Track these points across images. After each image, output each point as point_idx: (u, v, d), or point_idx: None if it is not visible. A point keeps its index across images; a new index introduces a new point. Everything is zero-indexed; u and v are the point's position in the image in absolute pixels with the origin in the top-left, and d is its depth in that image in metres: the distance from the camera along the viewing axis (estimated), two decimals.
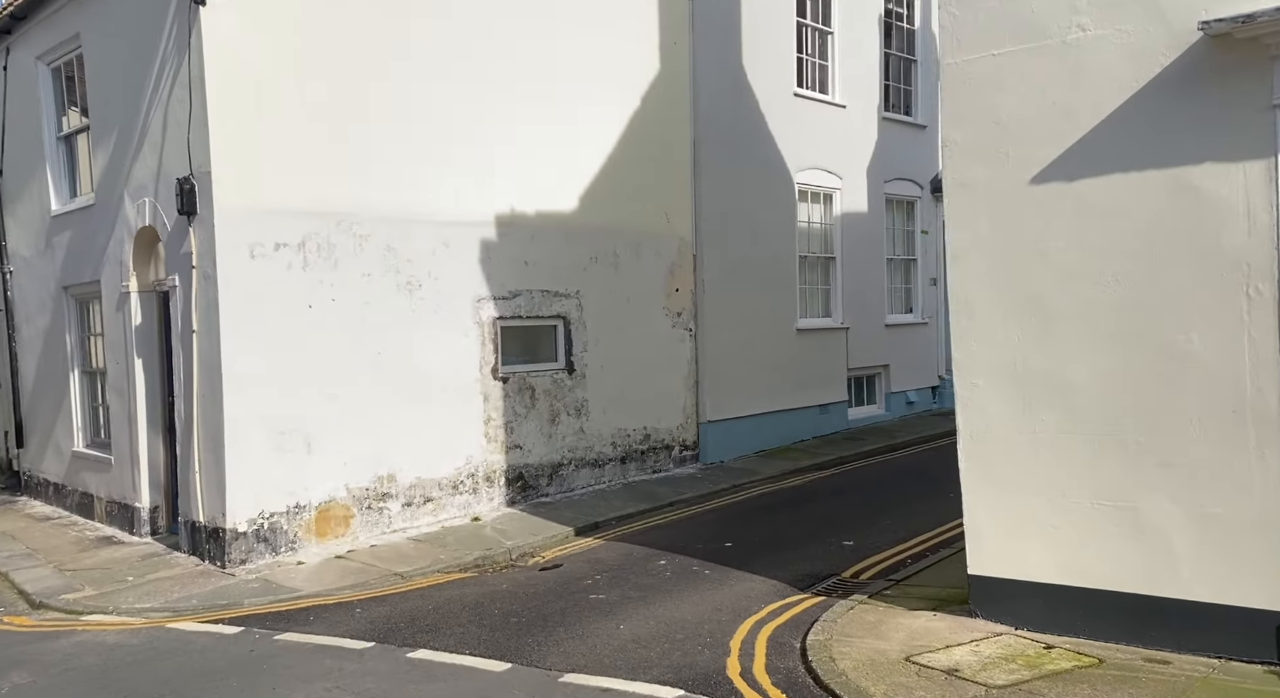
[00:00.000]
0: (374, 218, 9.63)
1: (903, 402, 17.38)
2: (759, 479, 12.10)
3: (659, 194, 12.68)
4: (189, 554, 9.07)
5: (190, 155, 8.58)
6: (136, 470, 10.14)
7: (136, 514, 10.16)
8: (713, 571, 7.87)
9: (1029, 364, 5.65)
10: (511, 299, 10.96)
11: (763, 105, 14.08)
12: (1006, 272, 5.70)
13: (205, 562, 8.78)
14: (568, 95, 11.41)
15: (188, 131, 8.57)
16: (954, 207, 5.90)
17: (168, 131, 9.00)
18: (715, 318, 13.34)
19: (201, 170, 8.54)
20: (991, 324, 5.78)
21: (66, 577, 8.70)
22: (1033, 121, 5.53)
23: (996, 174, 5.69)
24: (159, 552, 9.39)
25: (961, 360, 5.94)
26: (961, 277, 5.90)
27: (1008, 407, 5.74)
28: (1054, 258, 5.51)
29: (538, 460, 11.22)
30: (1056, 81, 5.43)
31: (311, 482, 9.14)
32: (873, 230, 16.49)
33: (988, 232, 5.76)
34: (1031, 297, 5.62)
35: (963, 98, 5.80)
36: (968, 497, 5.97)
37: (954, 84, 5.83)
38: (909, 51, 17.41)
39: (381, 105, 9.65)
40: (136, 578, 8.47)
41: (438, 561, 8.75)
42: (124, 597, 7.92)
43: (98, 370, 11.36)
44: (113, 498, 10.71)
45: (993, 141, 5.69)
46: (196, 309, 8.75)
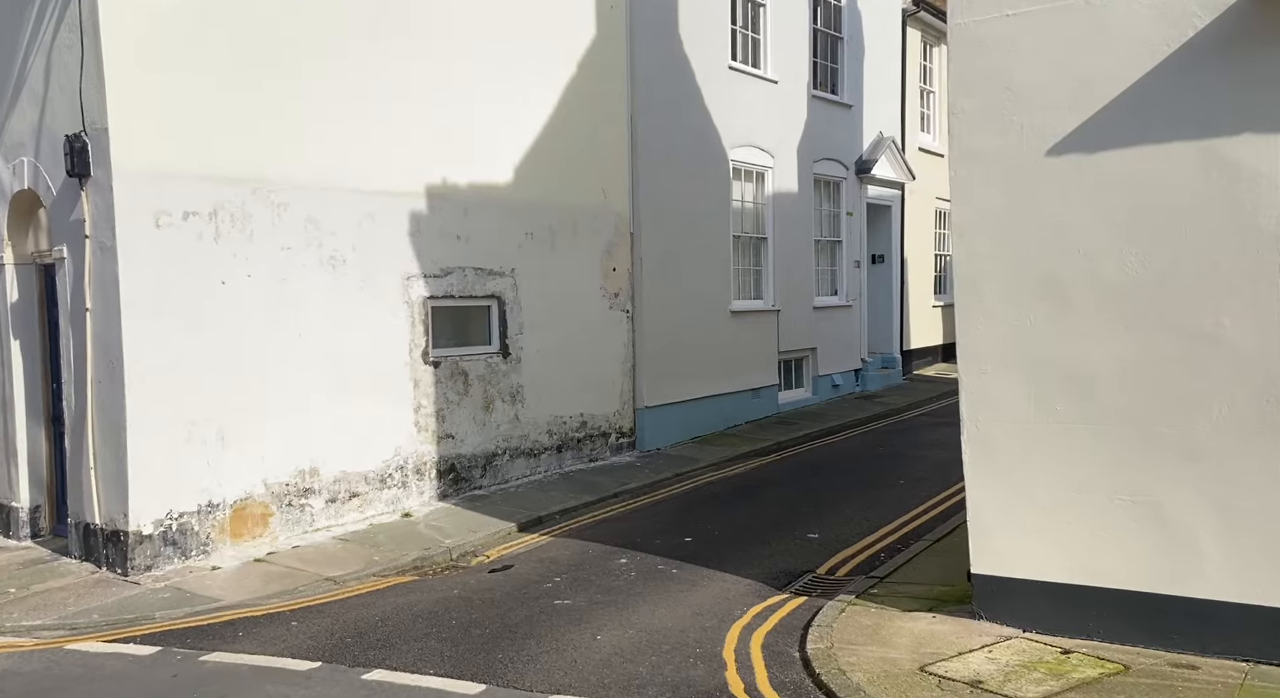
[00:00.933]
0: (294, 185, 8.70)
1: (829, 385, 17.23)
2: (701, 467, 11.65)
3: (596, 168, 12.02)
4: (81, 560, 8.03)
5: (83, 109, 7.50)
6: (13, 466, 8.97)
7: (13, 515, 8.99)
8: (680, 569, 7.36)
9: (1042, 349, 5.29)
10: (443, 277, 10.16)
11: (698, 78, 13.55)
12: (1019, 249, 5.32)
13: (103, 569, 7.77)
14: (503, 58, 10.63)
15: (79, 81, 7.48)
16: (961, 179, 5.49)
17: (51, 81, 7.86)
18: (652, 299, 12.79)
19: (96, 126, 7.47)
20: (1001, 306, 5.40)
21: None
22: (1050, 88, 5.15)
23: (1009, 145, 5.29)
24: (44, 558, 8.29)
25: (967, 345, 5.55)
26: (968, 254, 5.50)
27: (1018, 395, 5.38)
28: (1072, 235, 5.16)
29: (471, 451, 10.48)
30: (1077, 45, 5.05)
31: (226, 477, 8.21)
32: (802, 211, 16.21)
33: (998, 206, 5.36)
34: (1046, 276, 5.26)
35: (972, 62, 5.37)
36: (972, 491, 5.59)
37: (962, 46, 5.40)
38: (836, 28, 17.16)
39: (301, 61, 8.71)
40: (20, 589, 7.41)
41: (372, 562, 7.97)
42: (7, 613, 6.88)
43: None
44: None
45: (1005, 109, 5.29)
46: (91, 285, 7.69)
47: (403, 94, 9.57)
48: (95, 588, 7.34)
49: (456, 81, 10.10)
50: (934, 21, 20.62)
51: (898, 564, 7.03)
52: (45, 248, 8.74)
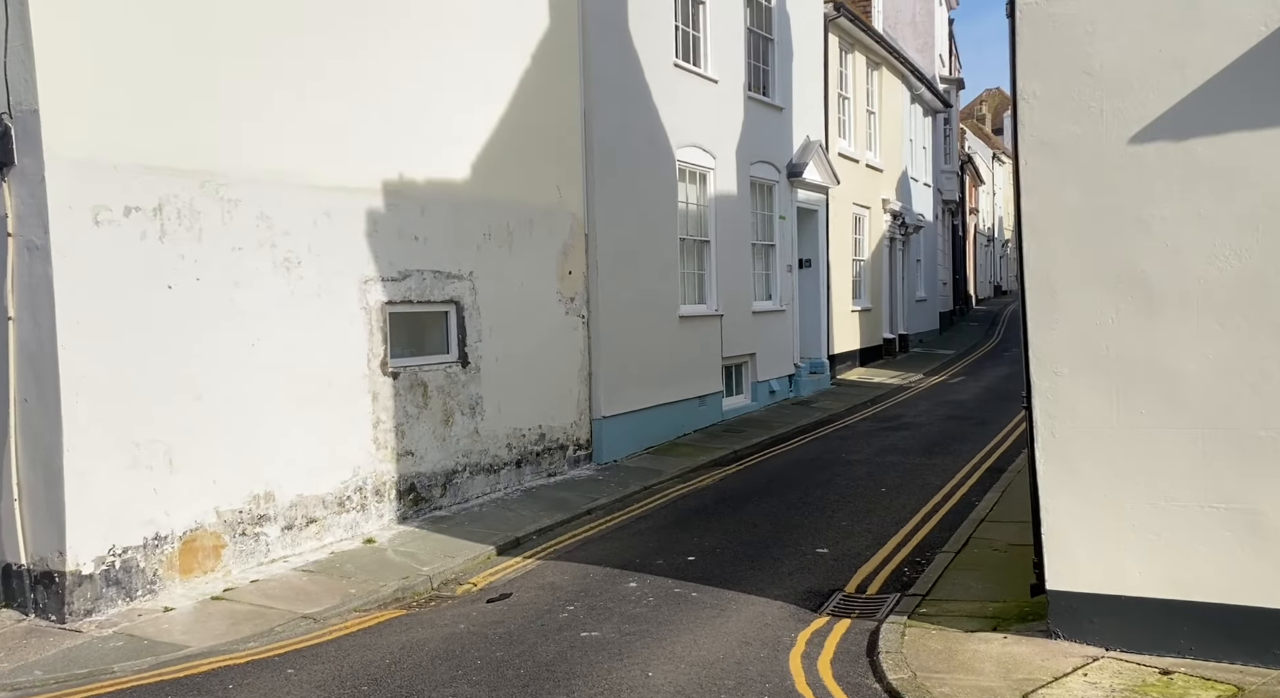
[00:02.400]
0: (245, 179, 7.80)
1: (766, 391, 17.05)
2: (666, 480, 11.16)
3: (551, 165, 11.40)
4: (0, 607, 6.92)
5: (9, 87, 6.44)
6: None
7: None
8: (699, 592, 6.83)
9: (1125, 350, 5.03)
10: (401, 281, 9.36)
11: (646, 74, 13.10)
12: (1098, 245, 5.05)
13: (31, 616, 6.69)
14: (458, 49, 9.92)
15: (3, 55, 6.43)
16: (1033, 169, 5.19)
17: None
18: (607, 304, 12.24)
19: (24, 108, 6.43)
20: (1078, 304, 5.12)
21: None
22: (1133, 72, 4.90)
23: (1087, 132, 5.02)
24: None
25: (1040, 346, 5.24)
26: (1040, 250, 5.20)
27: (1098, 399, 5.10)
28: (1158, 229, 4.92)
29: (430, 468, 9.70)
30: (1164, 25, 4.82)
31: (175, 506, 7.24)
32: (741, 214, 15.98)
33: (1076, 199, 5.08)
34: (1129, 273, 5.00)
35: (1044, 43, 5.08)
36: (1047, 500, 5.28)
37: (1034, 27, 5.10)
38: (767, 30, 17.04)
39: (252, 45, 7.82)
40: None
41: (349, 596, 7.16)
42: None
43: None
44: None
45: (1083, 95, 5.01)
46: (15, 289, 6.63)
47: (359, 84, 8.77)
48: (28, 639, 6.28)
49: (413, 71, 9.35)
50: (851, 28, 20.83)
51: (931, 580, 6.70)
52: None
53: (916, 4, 31.86)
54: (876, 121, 23.68)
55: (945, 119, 33.31)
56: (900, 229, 25.95)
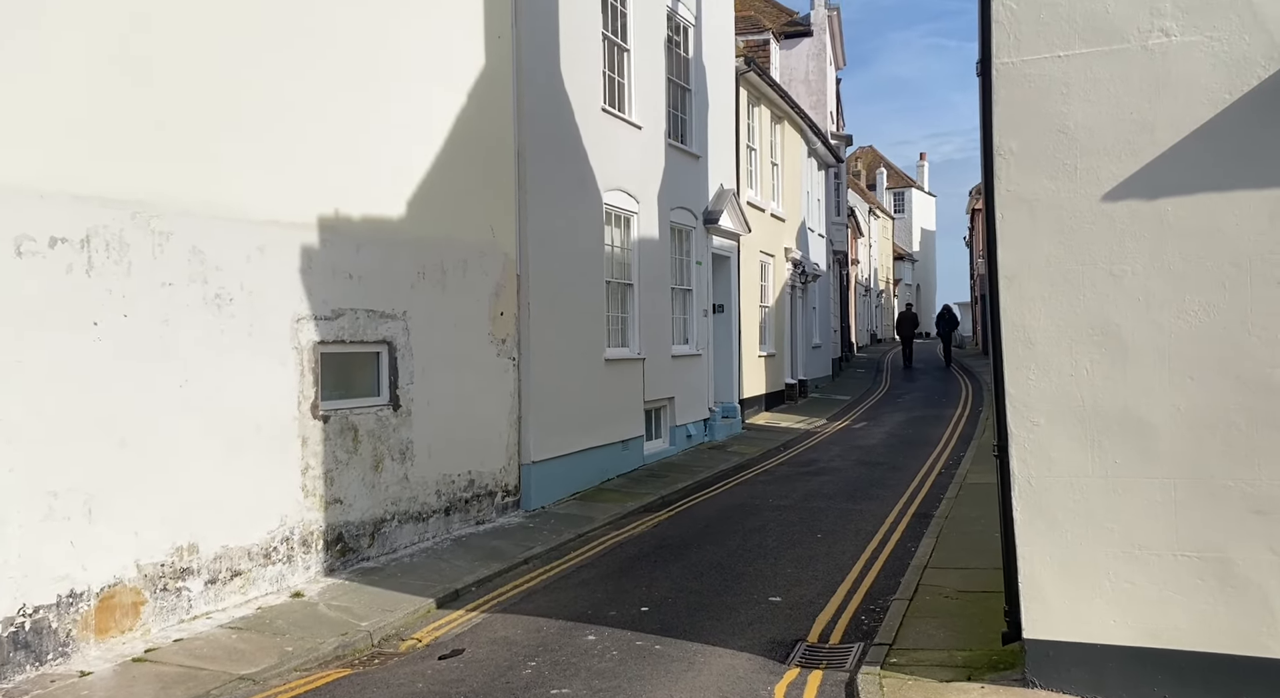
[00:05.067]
0: (176, 211, 7.35)
1: (684, 435, 17.10)
2: (599, 527, 10.96)
3: (484, 205, 11.22)
4: None
5: None
6: None
7: None
8: (662, 645, 6.65)
9: (1099, 400, 5.20)
10: (334, 320, 8.97)
11: (577, 117, 13.12)
12: (1072, 296, 5.23)
13: None
14: (395, 85, 9.70)
15: None
16: (1009, 223, 5.35)
17: None
18: (538, 346, 12.04)
19: None
20: (1055, 355, 5.28)
21: None
22: (1105, 132, 5.13)
23: (1061, 188, 5.22)
24: None
25: (1016, 395, 5.37)
26: (1017, 300, 5.35)
27: (1073, 448, 5.24)
28: (1129, 283, 5.13)
29: (359, 517, 9.24)
30: (1134, 90, 5.07)
31: (93, 560, 6.63)
32: (661, 258, 16.10)
33: (1049, 251, 5.26)
34: (1102, 325, 5.19)
35: (1020, 103, 5.28)
36: (1024, 549, 5.37)
37: (1010, 87, 5.30)
38: (685, 80, 17.38)
39: (188, 75, 7.44)
40: None
41: (286, 654, 6.67)
42: None
43: None
44: None
45: (1057, 152, 5.22)
46: None
47: (295, 115, 8.45)
48: None
49: (349, 104, 9.08)
50: (759, 82, 21.49)
51: (893, 629, 6.70)
52: None
53: (810, 63, 33.19)
54: (779, 173, 24.40)
55: (836, 173, 34.66)
56: (800, 277, 26.69)
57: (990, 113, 5.38)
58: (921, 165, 71.31)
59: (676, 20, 16.87)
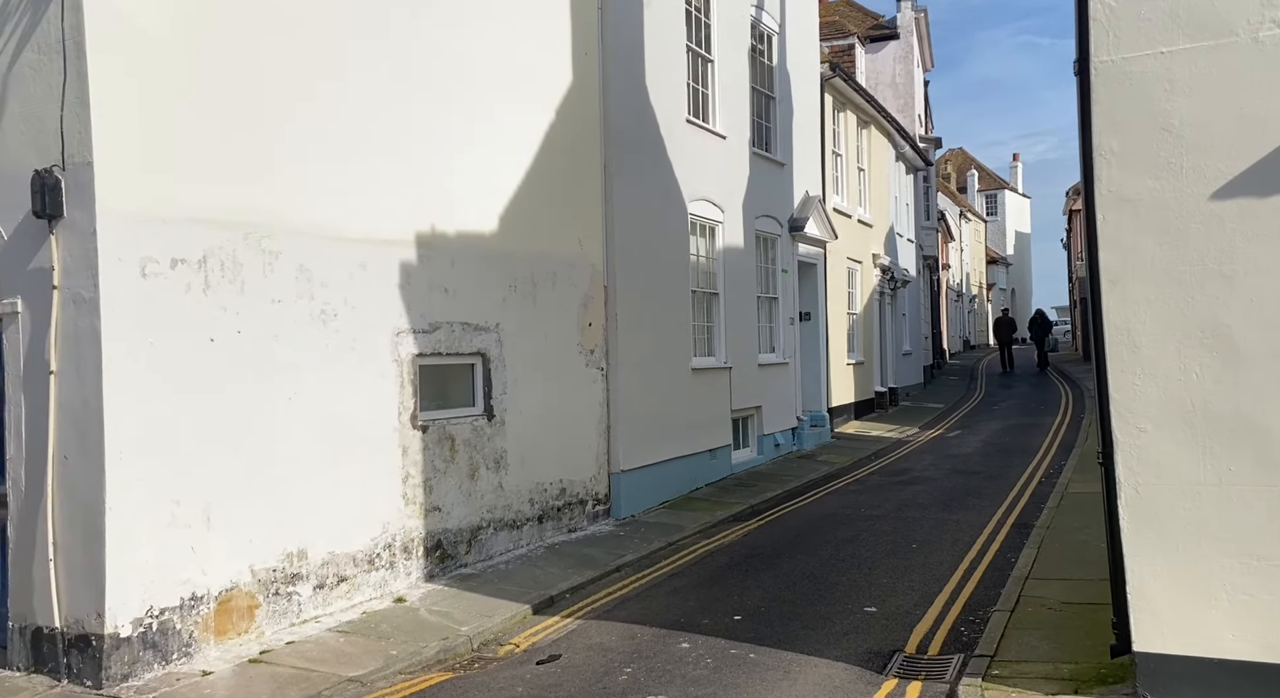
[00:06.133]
0: (285, 231, 7.70)
1: (771, 444, 16.99)
2: (689, 535, 11.00)
3: (572, 218, 11.43)
4: (29, 672, 6.58)
5: (64, 139, 6.31)
6: None
7: None
8: (756, 654, 6.66)
9: (1210, 405, 5.03)
10: (432, 333, 9.25)
11: (662, 129, 13.25)
12: (1179, 298, 5.07)
13: (64, 682, 6.38)
14: (487, 103, 9.96)
15: (61, 109, 6.32)
16: (1111, 224, 5.22)
17: (8, 109, 6.63)
18: (625, 356, 12.18)
19: (77, 160, 6.32)
20: (1161, 358, 5.12)
21: None
22: (1214, 129, 4.97)
23: (1166, 188, 5.07)
24: None
25: (1121, 400, 5.23)
26: (1121, 303, 5.21)
27: (1184, 455, 5.08)
28: (1242, 284, 4.95)
29: (457, 525, 9.48)
30: (1245, 84, 4.90)
31: (211, 565, 6.99)
32: (746, 267, 16.08)
33: (1154, 252, 5.12)
34: (1213, 327, 5.02)
35: (1121, 100, 5.16)
36: (1132, 561, 5.21)
37: (1109, 85, 5.18)
38: (769, 88, 17.34)
39: (290, 101, 7.78)
40: None
41: (391, 658, 6.90)
42: None
43: None
44: None
45: (1161, 151, 5.08)
46: (58, 343, 6.45)
47: (393, 138, 8.75)
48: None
49: (444, 125, 9.37)
50: (844, 87, 21.29)
51: (994, 640, 6.57)
52: None
53: (897, 66, 32.71)
54: (866, 178, 24.10)
55: (924, 176, 34.01)
56: (889, 284, 26.27)
57: (1089, 112, 5.26)
58: (1015, 166, 69.30)
59: (760, 29, 16.88)
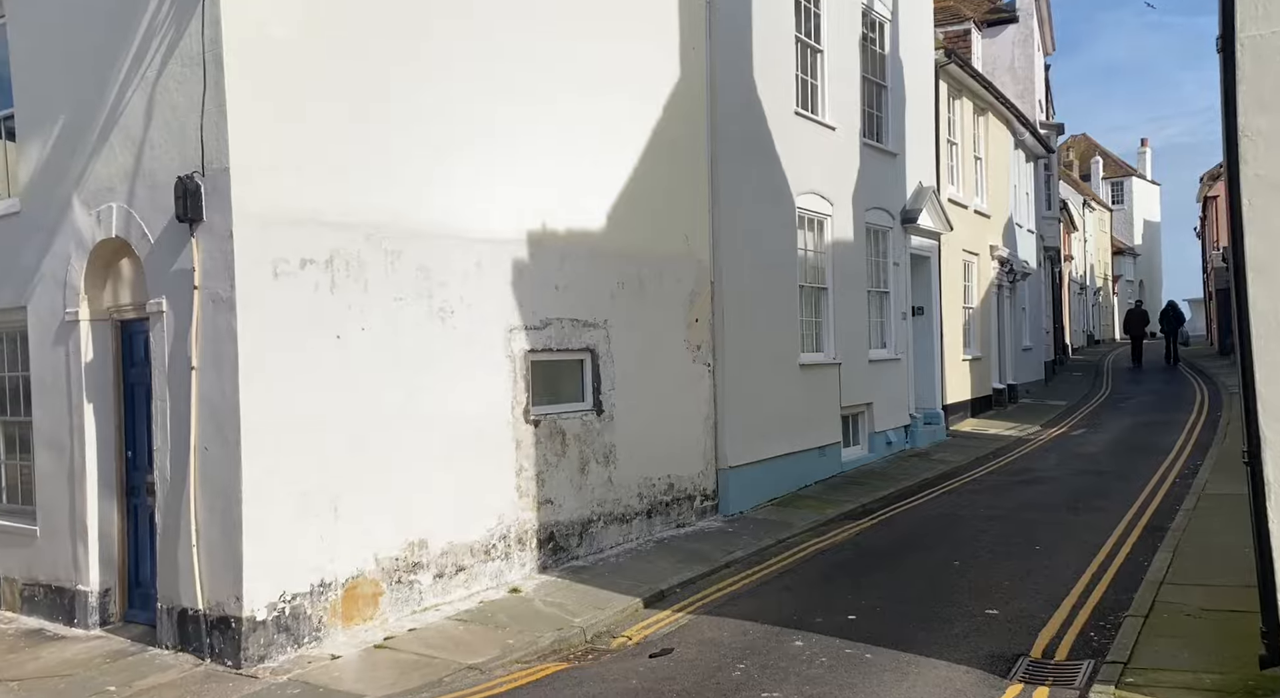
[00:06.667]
0: (405, 232, 7.97)
1: (883, 442, 16.62)
2: (799, 533, 10.87)
3: (679, 214, 11.44)
4: (176, 651, 7.03)
5: (204, 146, 6.71)
6: (81, 544, 7.97)
7: (80, 600, 7.96)
8: (873, 654, 6.55)
9: None
10: (542, 329, 9.42)
11: (769, 122, 13.12)
12: None
13: (207, 661, 6.78)
14: (596, 104, 10.06)
15: (201, 118, 6.71)
16: (1258, 209, 4.91)
17: (154, 119, 7.10)
18: (733, 352, 12.13)
19: (215, 166, 6.70)
20: None
21: (12, 691, 6.52)
22: None
23: None
24: (126, 649, 7.28)
25: (1269, 396, 4.91)
26: (1269, 292, 4.90)
27: None
28: None
29: (568, 517, 9.63)
30: None
31: (339, 553, 7.30)
32: (856, 261, 15.76)
33: None
34: None
35: (1270, 77, 4.85)
36: None
37: (1257, 61, 4.87)
38: (881, 77, 16.94)
39: (408, 104, 8.03)
40: (120, 687, 6.40)
41: (508, 647, 7.07)
42: None
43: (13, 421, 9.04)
44: (36, 580, 8.43)
45: None
46: (199, 340, 6.85)
47: (504, 141, 8.93)
48: (208, 684, 6.36)
49: (555, 124, 9.50)
50: (960, 74, 20.63)
51: (1128, 646, 6.27)
52: (126, 302, 7.88)
53: (1016, 50, 31.52)
54: (983, 167, 23.31)
55: (1045, 164, 32.64)
56: (1008, 276, 25.35)
57: (1233, 91, 4.96)
58: (1143, 152, 65.79)
59: (871, 17, 16.52)
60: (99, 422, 7.92)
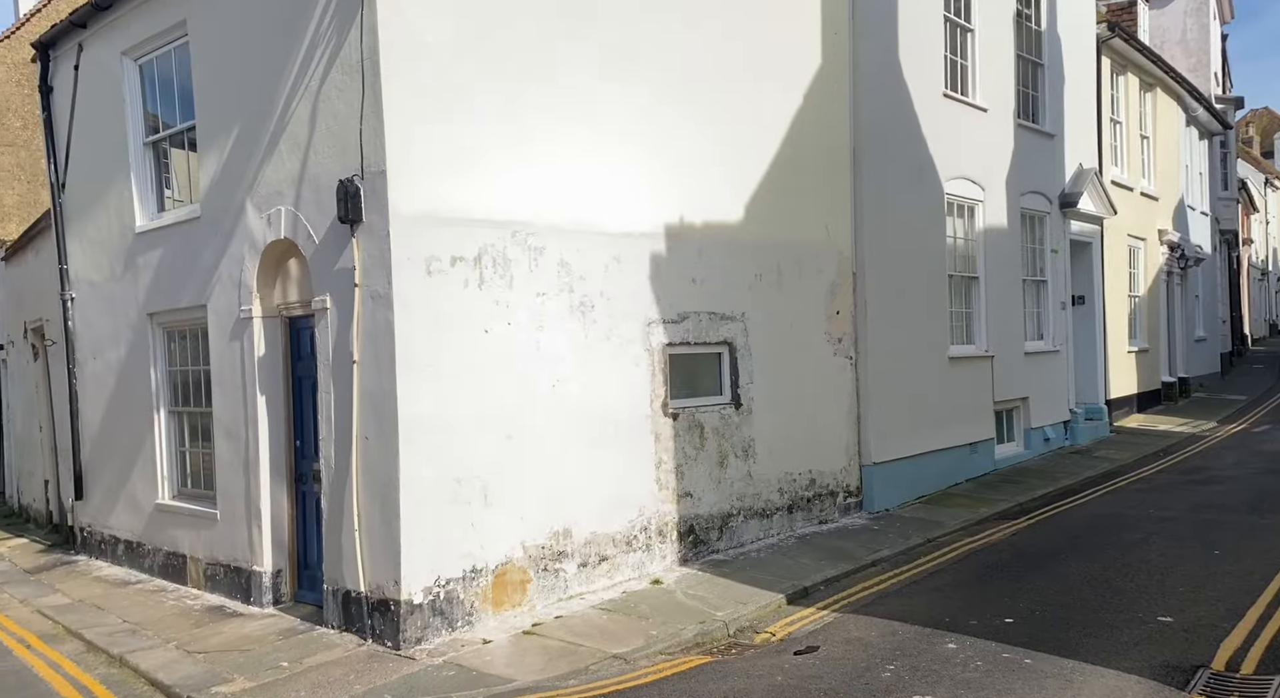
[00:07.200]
0: (547, 228, 8.13)
1: (1040, 438, 15.83)
2: (949, 532, 10.48)
3: (819, 204, 11.22)
4: (341, 630, 7.44)
5: (363, 151, 7.06)
6: (256, 527, 8.54)
7: (255, 580, 8.54)
8: (1033, 659, 6.23)
9: None
10: (680, 323, 9.43)
11: (916, 106, 12.69)
12: None
13: (369, 641, 7.15)
14: (733, 91, 9.98)
15: (360, 123, 7.06)
16: None
17: (318, 125, 7.51)
18: (876, 345, 11.82)
19: (373, 169, 7.03)
20: None
21: (199, 662, 7.06)
22: None
23: None
24: (297, 627, 7.76)
25: None
26: None
27: None
28: None
29: (707, 511, 9.62)
30: None
31: (488, 540, 7.55)
32: (1010, 248, 15.05)
33: None
34: None
35: None
36: None
37: None
38: (1036, 54, 16.10)
39: (548, 100, 8.18)
40: (292, 663, 6.83)
41: (651, 638, 7.12)
42: (292, 690, 6.29)
43: (189, 411, 9.78)
44: (217, 559, 9.10)
45: None
46: (359, 335, 7.21)
47: (642, 134, 8.98)
48: (370, 664, 6.70)
49: (690, 113, 9.48)
50: (1125, 48, 19.39)
51: None
52: (293, 299, 8.37)
53: (1188, 20, 29.42)
54: (1150, 147, 21.83)
55: (1221, 141, 30.27)
56: (1178, 262, 23.68)
57: None
58: None
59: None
60: (270, 413, 8.46)
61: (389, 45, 6.94)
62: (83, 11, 10.37)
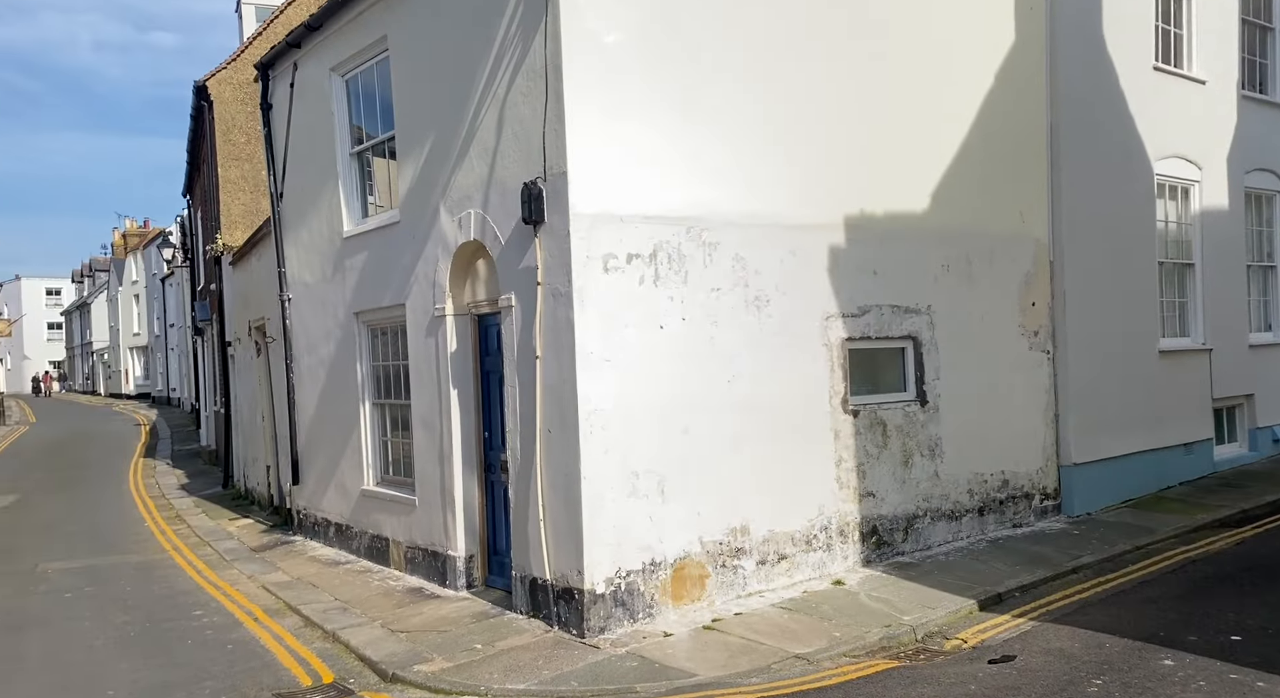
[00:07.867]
0: (721, 223, 8.10)
1: (1269, 439, 14.33)
2: (1161, 540, 9.68)
3: (1012, 190, 10.61)
4: (529, 616, 7.73)
5: (545, 154, 7.29)
6: (450, 514, 9.00)
7: (450, 564, 9.00)
8: (1266, 683, 5.64)
9: None
10: (860, 317, 9.16)
11: (1121, 82, 11.76)
12: None
13: (555, 628, 7.40)
14: (917, 74, 9.59)
15: (543, 126, 7.29)
16: None
17: (504, 131, 7.80)
18: (1076, 338, 11.06)
19: (555, 172, 7.24)
20: None
21: (401, 640, 7.53)
22: None
23: None
24: (488, 611, 8.12)
25: None
26: None
27: None
28: None
29: (891, 511, 9.31)
30: None
31: (666, 534, 7.63)
32: (1232, 231, 13.69)
33: None
34: None
35: None
36: None
37: None
38: (1265, 18, 14.53)
39: (721, 91, 8.12)
40: (485, 646, 7.17)
41: (835, 640, 6.98)
42: (485, 672, 6.59)
43: (390, 402, 10.42)
44: (415, 543, 9.66)
45: None
46: (542, 332, 7.45)
47: (818, 122, 8.77)
48: (556, 650, 6.92)
49: (871, 99, 9.18)
50: None
51: None
52: (481, 298, 8.75)
53: None
54: None
55: None
56: None
57: None
58: None
59: None
60: (462, 405, 8.89)
61: (570, 48, 7.12)
62: (297, 32, 11.24)
